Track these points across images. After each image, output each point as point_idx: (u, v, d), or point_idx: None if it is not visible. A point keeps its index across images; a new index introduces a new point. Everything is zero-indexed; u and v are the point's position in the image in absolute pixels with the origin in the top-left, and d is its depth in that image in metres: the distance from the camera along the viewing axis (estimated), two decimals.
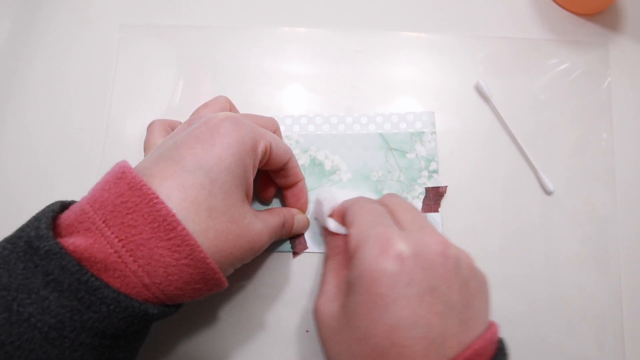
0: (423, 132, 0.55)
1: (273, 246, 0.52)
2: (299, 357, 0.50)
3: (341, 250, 0.45)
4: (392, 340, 0.34)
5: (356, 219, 0.42)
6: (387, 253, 0.36)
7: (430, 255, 0.37)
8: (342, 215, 0.47)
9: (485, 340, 0.36)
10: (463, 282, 0.38)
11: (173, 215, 0.34)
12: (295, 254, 0.53)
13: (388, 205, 0.44)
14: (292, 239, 0.53)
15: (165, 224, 0.34)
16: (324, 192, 0.50)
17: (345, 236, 0.45)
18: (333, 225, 0.47)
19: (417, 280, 0.36)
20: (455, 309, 0.36)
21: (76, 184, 0.53)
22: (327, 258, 0.47)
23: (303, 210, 0.52)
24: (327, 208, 0.48)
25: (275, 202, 0.54)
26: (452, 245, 0.38)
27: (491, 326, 0.38)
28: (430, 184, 0.54)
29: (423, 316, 0.35)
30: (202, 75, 0.58)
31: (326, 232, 0.49)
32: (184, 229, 0.34)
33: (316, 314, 0.42)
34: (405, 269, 0.36)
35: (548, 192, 0.55)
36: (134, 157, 0.38)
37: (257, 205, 0.53)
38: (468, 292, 0.38)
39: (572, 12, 0.61)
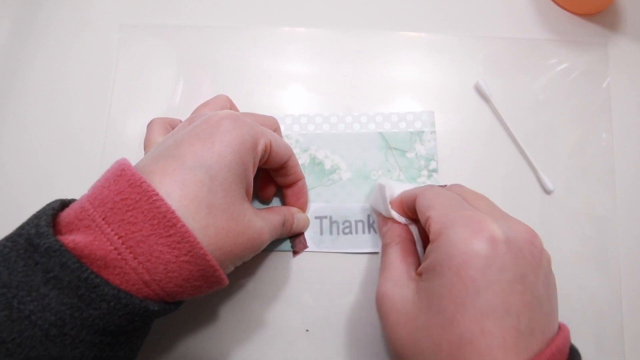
0: (423, 132, 0.55)
1: (273, 245, 0.52)
2: (299, 357, 0.50)
3: (403, 238, 0.46)
4: (482, 327, 0.33)
5: (436, 203, 0.41)
6: (480, 235, 0.35)
7: (521, 243, 0.36)
8: (402, 205, 0.47)
9: (564, 339, 0.35)
10: (545, 275, 0.37)
11: (173, 212, 0.34)
12: (295, 253, 0.53)
13: (460, 194, 0.43)
14: (292, 238, 0.53)
15: (165, 220, 0.34)
16: (383, 181, 0.49)
17: (405, 226, 0.47)
18: (396, 215, 0.47)
19: (510, 267, 0.34)
20: (541, 301, 0.35)
21: (76, 184, 0.53)
22: (386, 246, 0.46)
23: (303, 209, 0.52)
24: (388, 196, 0.48)
25: (275, 202, 0.54)
26: (538, 236, 0.38)
27: (563, 326, 0.37)
28: (429, 184, 0.54)
29: (515, 305, 0.34)
30: (202, 75, 0.58)
31: (383, 222, 0.49)
32: (183, 225, 0.34)
33: (383, 299, 0.41)
34: (498, 253, 0.35)
35: (548, 192, 0.55)
36: (134, 157, 0.38)
37: (257, 204, 0.53)
38: (549, 285, 0.37)
39: (571, 12, 0.61)
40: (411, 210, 0.45)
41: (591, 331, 0.52)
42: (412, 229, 0.47)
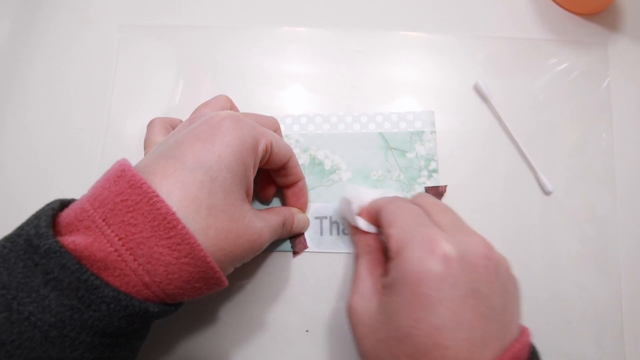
0: (423, 132, 0.55)
1: (273, 245, 0.52)
2: (299, 357, 0.50)
3: (372, 249, 0.46)
4: (435, 340, 0.34)
5: (396, 219, 0.41)
6: (433, 254, 0.36)
7: (474, 258, 0.37)
8: (371, 214, 0.47)
9: (522, 343, 0.36)
10: (502, 286, 0.38)
11: (173, 214, 0.34)
12: (295, 253, 0.53)
13: (422, 206, 0.44)
14: (292, 238, 0.53)
15: (165, 222, 0.34)
16: (350, 191, 0.50)
17: (375, 235, 0.47)
18: (363, 224, 0.47)
19: (462, 283, 0.36)
20: (496, 311, 0.36)
21: (76, 184, 0.53)
22: (357, 256, 0.47)
23: (303, 209, 0.53)
24: (355, 207, 0.48)
25: (276, 202, 0.54)
26: (493, 249, 0.39)
27: (525, 330, 0.38)
28: (430, 184, 0.54)
29: (467, 318, 0.35)
30: (202, 75, 0.58)
31: (354, 231, 0.49)
32: (183, 227, 0.34)
33: (351, 312, 0.42)
34: (450, 270, 0.36)
35: (547, 193, 0.55)
36: (134, 157, 0.38)
37: (257, 205, 0.53)
38: (506, 295, 0.38)
39: (571, 11, 0.61)
40: (375, 222, 0.46)
41: (591, 331, 0.52)
42: (382, 238, 0.46)
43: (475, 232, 0.41)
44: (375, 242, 0.46)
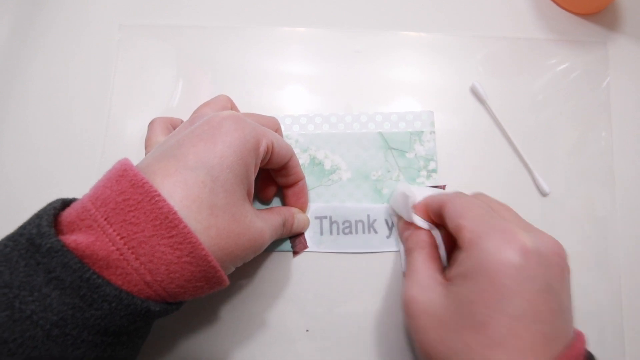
0: (422, 132, 0.55)
1: (273, 245, 0.52)
2: (299, 357, 0.50)
3: (427, 244, 0.47)
4: (512, 330, 0.35)
5: (467, 211, 0.42)
6: (512, 245, 0.37)
7: (548, 254, 0.38)
8: (426, 210, 0.48)
9: (582, 343, 0.38)
10: (567, 286, 0.39)
11: (175, 213, 0.34)
12: (295, 253, 0.53)
13: (487, 203, 0.45)
14: (292, 238, 0.53)
15: (167, 221, 0.34)
16: (403, 188, 0.51)
17: (428, 231, 0.48)
18: (419, 220, 0.48)
19: (539, 276, 0.37)
20: (563, 309, 0.38)
21: (76, 184, 0.53)
22: (410, 251, 0.47)
23: (303, 209, 0.53)
24: (411, 203, 0.48)
25: (276, 202, 0.54)
26: (563, 248, 0.40)
27: (581, 334, 0.39)
28: (429, 184, 0.54)
29: (542, 311, 0.36)
30: (202, 75, 0.58)
31: (406, 227, 0.50)
32: (185, 226, 0.34)
33: (411, 303, 0.42)
34: (528, 263, 0.37)
35: (543, 194, 0.55)
36: (134, 157, 0.38)
37: (258, 205, 0.53)
38: (569, 294, 0.39)
39: (571, 11, 0.61)
40: (436, 216, 0.47)
41: (591, 332, 0.52)
42: (435, 234, 0.48)
43: (541, 230, 0.41)
44: (429, 238, 0.47)
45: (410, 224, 0.49)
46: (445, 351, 0.38)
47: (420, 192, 0.50)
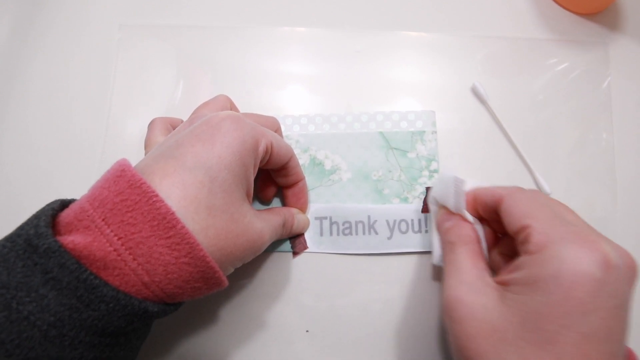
0: (424, 132, 0.55)
1: (273, 246, 0.52)
2: (299, 357, 0.50)
3: (471, 239, 0.43)
4: (581, 350, 0.32)
5: (535, 211, 0.38)
6: (594, 256, 0.34)
7: (625, 268, 0.35)
8: (475, 202, 0.45)
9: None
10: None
11: (172, 214, 0.34)
12: (295, 253, 0.53)
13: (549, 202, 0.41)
14: (292, 238, 0.53)
15: (165, 222, 0.34)
16: (451, 173, 0.45)
17: (472, 225, 0.44)
18: (469, 214, 0.44)
19: (618, 293, 0.34)
20: (627, 327, 0.35)
21: (76, 184, 0.53)
22: (451, 245, 0.43)
23: (303, 209, 0.53)
24: (463, 191, 0.44)
25: (276, 202, 0.54)
26: (637, 262, 0.36)
27: (631, 351, 0.37)
28: (430, 184, 0.54)
29: (615, 331, 0.33)
30: (202, 75, 0.58)
31: (447, 216, 0.46)
32: (183, 227, 0.34)
33: (457, 304, 0.38)
34: (609, 278, 0.33)
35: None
36: (134, 157, 0.38)
37: (257, 205, 0.53)
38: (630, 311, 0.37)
39: (571, 11, 0.61)
40: (486, 211, 0.44)
41: None
42: (478, 228, 0.44)
43: (613, 241, 0.37)
44: (474, 233, 0.44)
45: (453, 215, 0.45)
46: None
47: (467, 183, 0.45)
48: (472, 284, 0.39)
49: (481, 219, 0.45)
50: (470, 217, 0.44)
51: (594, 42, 0.60)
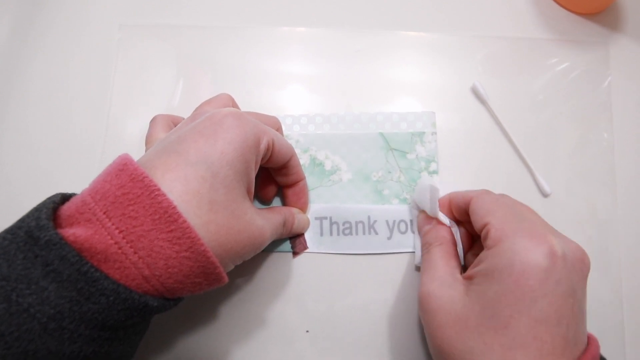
0: (423, 133, 0.55)
1: (273, 246, 0.52)
2: (299, 357, 0.50)
3: (446, 240, 0.47)
4: (535, 333, 0.35)
5: (496, 209, 0.42)
6: (541, 247, 0.37)
7: (574, 259, 0.39)
8: (449, 206, 0.49)
9: (597, 348, 0.38)
10: (586, 290, 0.40)
11: (174, 208, 0.34)
12: (295, 253, 0.53)
13: (511, 203, 0.45)
14: (292, 238, 0.53)
15: (167, 216, 0.34)
16: (429, 180, 0.50)
17: (448, 227, 0.48)
18: (442, 216, 0.48)
19: (565, 280, 0.37)
20: (583, 313, 0.38)
21: (76, 184, 0.52)
22: (428, 246, 0.48)
23: (303, 209, 0.53)
24: (437, 197, 0.48)
25: (276, 202, 0.54)
26: (587, 254, 0.40)
27: (593, 337, 0.39)
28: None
29: (565, 316, 0.36)
30: (202, 75, 0.58)
31: (426, 220, 0.50)
32: (185, 221, 0.34)
33: (429, 298, 0.42)
34: (556, 266, 0.37)
35: (545, 195, 0.55)
36: (134, 157, 0.38)
37: (258, 205, 0.53)
38: (586, 299, 0.40)
39: (572, 11, 0.61)
40: (459, 212, 0.47)
41: (592, 332, 0.51)
42: (454, 230, 0.48)
43: (565, 236, 0.41)
44: (449, 234, 0.47)
45: (431, 219, 0.49)
46: (463, 349, 0.38)
47: (444, 187, 0.50)
48: (443, 280, 0.43)
49: (458, 221, 0.49)
50: (446, 220, 0.48)
51: (594, 42, 0.60)
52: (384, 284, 0.52)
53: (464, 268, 0.48)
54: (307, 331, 0.51)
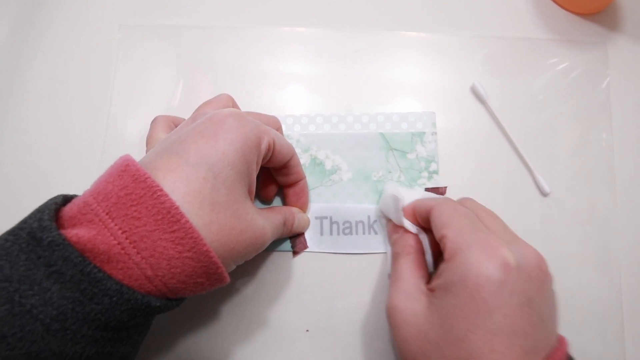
0: (424, 133, 0.55)
1: (273, 245, 0.52)
2: (299, 357, 0.50)
3: (414, 249, 0.46)
4: (491, 346, 0.35)
5: (451, 220, 0.42)
6: (493, 260, 0.37)
7: (529, 267, 0.38)
8: (418, 213, 0.47)
9: (563, 352, 0.37)
10: (549, 296, 0.39)
11: (177, 208, 0.34)
12: (295, 253, 0.53)
13: (473, 210, 0.44)
14: (292, 238, 0.53)
15: (169, 216, 0.34)
16: (393, 189, 0.50)
17: (416, 235, 0.47)
18: (408, 224, 0.47)
19: (519, 291, 0.36)
20: (544, 321, 0.38)
21: (76, 184, 0.53)
22: (396, 256, 0.47)
23: (304, 209, 0.53)
24: (401, 205, 0.48)
25: (277, 202, 0.54)
26: (545, 260, 0.40)
27: (562, 339, 0.39)
28: (430, 185, 0.54)
29: (522, 326, 0.36)
30: (202, 75, 0.58)
31: (394, 229, 0.50)
32: (187, 221, 0.34)
33: (394, 311, 0.42)
34: (509, 278, 0.36)
35: (544, 194, 0.55)
36: (135, 157, 0.38)
37: (258, 204, 0.53)
38: (551, 305, 0.39)
39: (571, 11, 0.61)
40: (423, 221, 0.46)
41: (592, 332, 0.52)
42: (422, 237, 0.47)
43: (525, 242, 0.41)
44: (416, 243, 0.47)
45: (399, 227, 0.48)
46: None
47: (409, 195, 0.50)
48: (408, 292, 0.42)
49: (425, 228, 0.48)
50: (412, 229, 0.47)
51: (594, 42, 0.60)
52: (384, 283, 0.52)
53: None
54: (307, 330, 0.51)
